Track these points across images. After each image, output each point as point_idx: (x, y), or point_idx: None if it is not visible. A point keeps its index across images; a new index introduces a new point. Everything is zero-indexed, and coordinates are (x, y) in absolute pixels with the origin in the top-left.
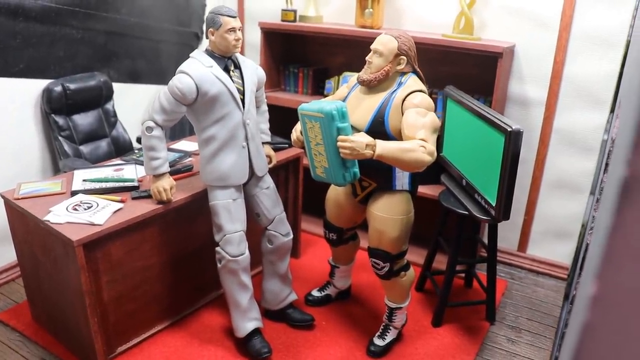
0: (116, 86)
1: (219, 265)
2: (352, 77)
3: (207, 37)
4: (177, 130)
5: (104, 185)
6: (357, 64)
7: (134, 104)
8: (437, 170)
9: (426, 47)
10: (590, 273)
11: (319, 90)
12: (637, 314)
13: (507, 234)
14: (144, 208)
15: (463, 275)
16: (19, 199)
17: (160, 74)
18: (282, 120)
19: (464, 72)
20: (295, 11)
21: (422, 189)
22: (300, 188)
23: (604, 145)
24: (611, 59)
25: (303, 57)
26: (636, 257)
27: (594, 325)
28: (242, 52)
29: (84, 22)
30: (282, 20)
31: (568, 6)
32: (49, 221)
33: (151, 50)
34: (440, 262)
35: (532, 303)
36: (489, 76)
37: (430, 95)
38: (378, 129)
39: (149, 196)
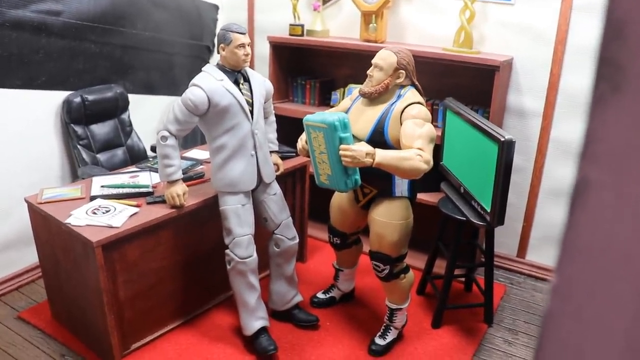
0: (131, 97)
1: (228, 266)
2: (355, 90)
3: (218, 52)
4: (190, 139)
5: (120, 190)
6: (362, 76)
7: (149, 114)
8: (437, 178)
9: (428, 61)
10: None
11: (325, 101)
12: (591, 302)
13: (507, 240)
14: (159, 212)
15: (463, 279)
16: (41, 203)
17: (174, 86)
18: (290, 129)
19: (464, 83)
20: (302, 26)
21: (423, 196)
22: (306, 195)
23: None
24: None
25: (310, 69)
26: (586, 251)
27: (553, 312)
28: (252, 64)
29: (102, 37)
30: (290, 35)
31: (563, 21)
32: (70, 224)
33: (165, 62)
34: (440, 266)
35: (529, 307)
36: (488, 88)
37: (431, 106)
38: (378, 138)
39: (163, 201)
